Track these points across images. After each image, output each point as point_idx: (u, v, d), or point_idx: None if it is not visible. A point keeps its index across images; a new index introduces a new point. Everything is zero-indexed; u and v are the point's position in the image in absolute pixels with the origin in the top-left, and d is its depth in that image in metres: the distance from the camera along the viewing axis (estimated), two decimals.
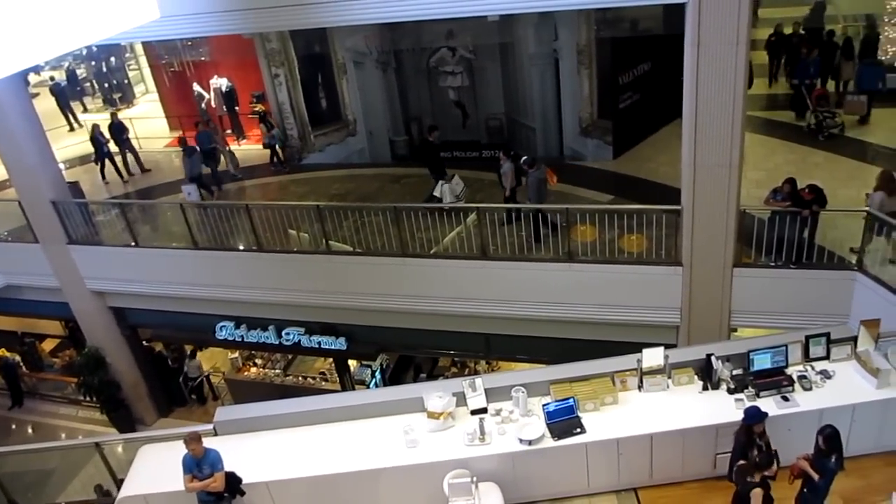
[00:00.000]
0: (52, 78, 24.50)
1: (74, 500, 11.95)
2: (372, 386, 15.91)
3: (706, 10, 9.77)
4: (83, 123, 23.48)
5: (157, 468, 9.12)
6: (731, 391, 8.79)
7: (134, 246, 14.75)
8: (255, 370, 17.12)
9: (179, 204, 15.34)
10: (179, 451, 8.33)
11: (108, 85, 25.87)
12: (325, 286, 13.74)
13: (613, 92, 16.38)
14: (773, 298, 11.50)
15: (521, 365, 14.32)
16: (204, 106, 20.96)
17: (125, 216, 14.79)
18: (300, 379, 16.61)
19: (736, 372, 8.93)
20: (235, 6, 11.85)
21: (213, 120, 20.73)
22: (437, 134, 15.36)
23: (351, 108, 18.85)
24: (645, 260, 12.05)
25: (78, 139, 22.55)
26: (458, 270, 12.84)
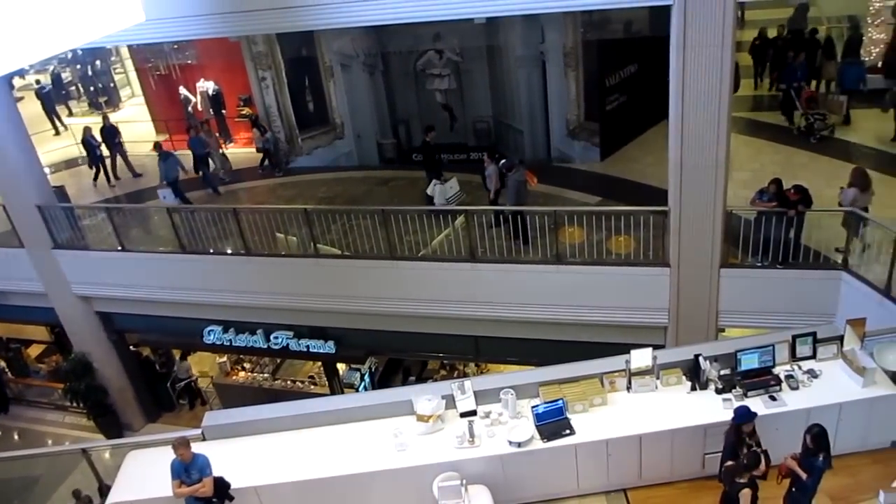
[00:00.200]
0: (37, 81, 24.32)
1: None
2: (361, 389, 15.88)
3: (692, 12, 9.83)
4: (68, 127, 23.34)
5: (145, 474, 9.05)
6: (719, 391, 8.82)
7: (121, 250, 14.67)
8: (243, 374, 17.05)
9: (166, 208, 15.29)
10: (167, 456, 8.27)
11: (93, 88, 25.69)
12: (313, 289, 13.71)
13: (600, 94, 16.44)
14: (760, 298, 11.57)
15: (510, 367, 14.31)
16: (190, 109, 20.85)
17: (112, 220, 14.70)
18: (289, 383, 16.54)
19: (724, 372, 8.97)
20: (221, 9, 11.81)
21: (198, 123, 20.65)
22: (433, 134, 15.41)
23: (338, 111, 18.81)
24: (633, 261, 12.09)
25: (63, 143, 22.41)
26: (446, 273, 12.84)
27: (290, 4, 11.41)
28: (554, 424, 8.69)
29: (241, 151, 20.20)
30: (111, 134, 19.18)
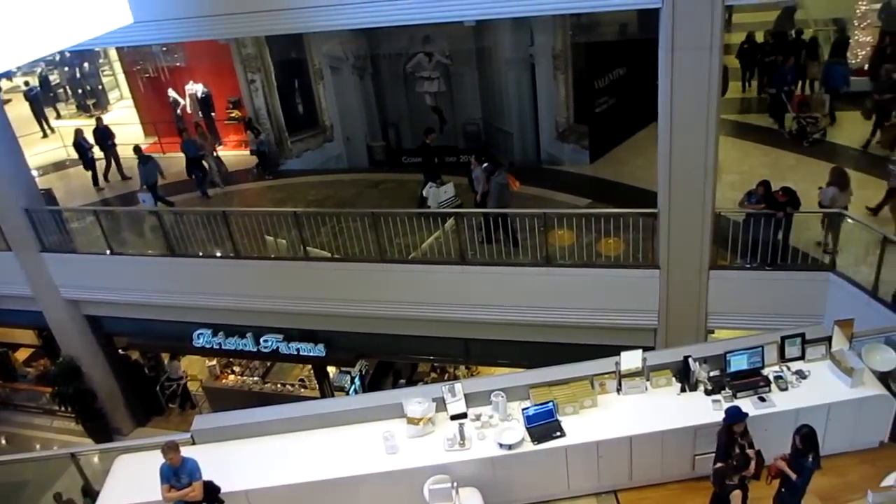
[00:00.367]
0: (26, 83, 24.19)
1: None
2: (351, 392, 15.85)
3: (680, 15, 9.87)
4: (56, 130, 23.23)
5: (134, 478, 8.99)
6: (708, 392, 8.84)
7: (109, 253, 14.59)
8: (233, 378, 16.99)
9: (156, 211, 15.21)
10: (157, 460, 8.23)
11: (81, 91, 25.58)
12: (303, 293, 13.68)
13: (589, 96, 16.49)
14: (748, 300, 11.62)
15: (500, 369, 14.31)
16: (179, 112, 20.79)
17: (100, 223, 14.62)
18: (279, 386, 16.50)
19: (713, 373, 8.99)
20: (210, 12, 11.79)
21: (188, 126, 20.58)
22: (433, 136, 15.44)
23: (328, 113, 18.80)
24: (622, 263, 12.12)
25: (51, 146, 22.29)
26: (436, 276, 12.84)
27: (279, 7, 11.40)
28: (544, 426, 8.69)
29: (230, 154, 20.12)
30: (105, 136, 19.08)
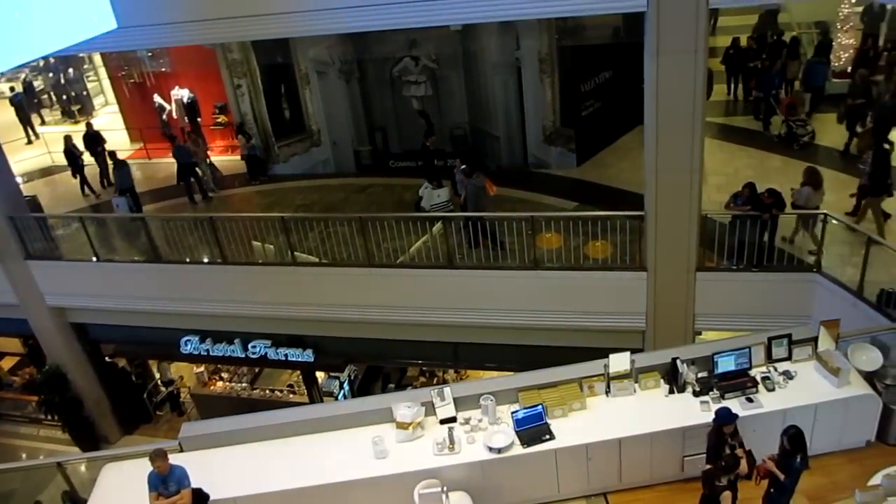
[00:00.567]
0: (11, 89, 24.03)
1: None
2: (340, 397, 15.81)
3: (665, 18, 9.93)
4: (41, 136, 23.08)
5: (121, 487, 8.92)
6: (696, 394, 8.86)
7: (96, 260, 14.50)
8: (221, 384, 16.91)
9: (142, 217, 15.14)
10: (144, 468, 8.17)
11: (66, 97, 25.43)
12: (291, 298, 13.64)
13: (576, 100, 16.54)
14: (735, 301, 11.68)
15: (489, 373, 14.32)
16: (165, 117, 20.70)
17: (86, 230, 14.53)
18: (267, 392, 16.44)
19: (701, 375, 9.02)
20: (195, 17, 11.74)
21: (175, 131, 20.51)
22: (434, 139, 15.49)
23: (315, 118, 18.77)
24: (610, 266, 12.17)
25: (36, 152, 22.15)
26: (424, 279, 12.84)
27: (264, 12, 11.37)
28: (534, 430, 8.69)
29: (216, 160, 20.00)
30: (94, 141, 18.95)
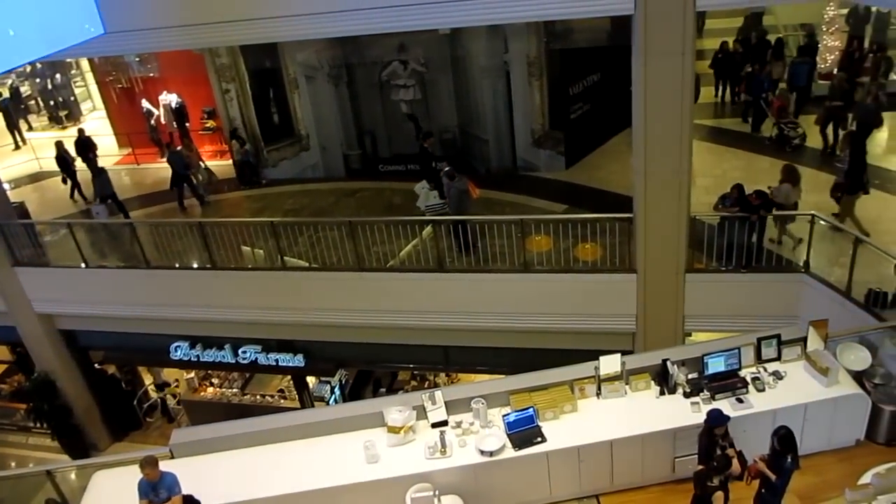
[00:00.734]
0: None
1: None
2: (331, 402, 15.76)
3: (652, 21, 9.98)
4: (28, 141, 22.96)
5: (111, 494, 8.88)
6: (687, 395, 8.89)
7: (84, 267, 14.43)
8: (211, 390, 16.84)
9: (130, 223, 15.08)
10: (134, 475, 8.13)
11: (53, 102, 25.30)
12: (281, 303, 13.61)
13: (564, 103, 16.58)
14: (725, 302, 11.74)
15: (480, 376, 14.34)
16: (153, 123, 20.63)
17: (73, 236, 14.45)
18: (258, 397, 16.37)
19: (691, 376, 9.05)
20: (182, 21, 11.70)
21: (162, 136, 20.46)
22: (432, 140, 15.50)
23: (303, 122, 18.72)
24: (600, 268, 12.19)
25: (23, 158, 22.02)
26: (414, 283, 12.84)
27: (252, 16, 11.35)
28: (525, 432, 8.70)
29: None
30: (86, 147, 18.86)
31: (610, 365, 9.04)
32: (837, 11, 18.08)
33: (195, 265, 14.00)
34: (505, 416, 8.79)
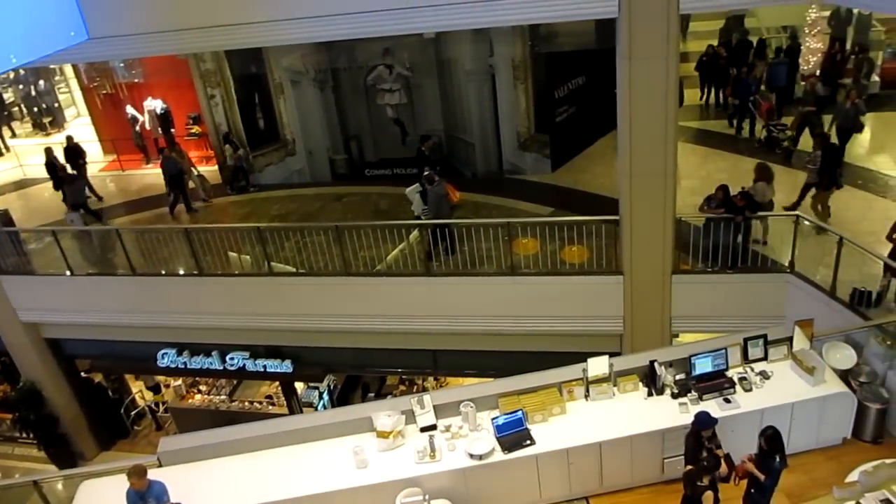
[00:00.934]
0: None
1: None
2: (320, 408, 15.73)
3: (636, 24, 10.02)
4: (11, 148, 22.79)
5: None
6: (675, 396, 8.93)
7: (69, 275, 14.32)
8: (199, 397, 16.76)
9: (115, 229, 14.99)
10: (122, 485, 8.07)
11: (37, 109, 25.12)
12: (268, 308, 13.56)
13: (550, 106, 16.63)
14: (711, 303, 11.80)
15: (468, 380, 14.32)
16: (138, 129, 20.51)
17: (58, 244, 14.35)
18: (246, 404, 16.30)
19: (679, 377, 9.10)
20: (166, 27, 11.65)
21: (148, 142, 20.36)
22: (430, 143, 15.49)
23: (289, 127, 18.68)
24: (586, 270, 12.24)
25: (7, 165, 21.87)
26: (402, 287, 12.83)
27: (237, 21, 11.32)
28: (514, 435, 8.71)
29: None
30: (75, 154, 18.73)
31: (598, 367, 9.06)
32: (820, 14, 18.24)
33: (182, 272, 13.93)
34: (494, 419, 8.80)
